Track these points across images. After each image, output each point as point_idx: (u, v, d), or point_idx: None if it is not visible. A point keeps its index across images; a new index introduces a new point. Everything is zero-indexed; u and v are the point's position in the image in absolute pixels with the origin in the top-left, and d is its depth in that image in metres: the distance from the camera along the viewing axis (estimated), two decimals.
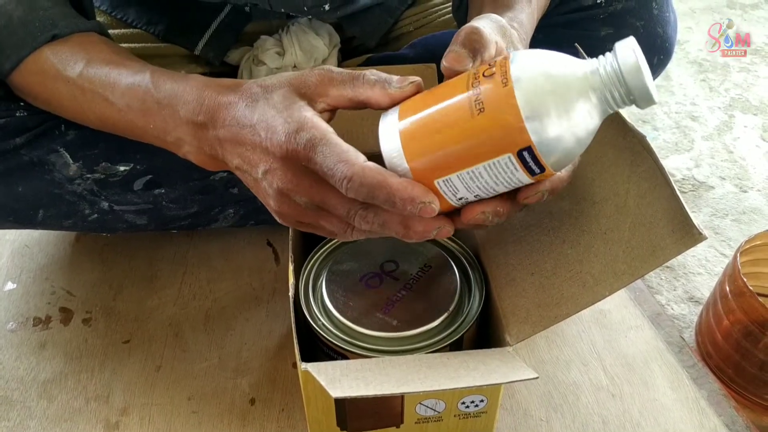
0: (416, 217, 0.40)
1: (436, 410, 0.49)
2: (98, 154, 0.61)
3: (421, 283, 0.54)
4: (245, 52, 0.73)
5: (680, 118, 1.11)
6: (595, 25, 0.67)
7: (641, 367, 0.66)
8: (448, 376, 0.43)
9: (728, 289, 0.67)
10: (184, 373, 0.65)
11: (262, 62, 0.71)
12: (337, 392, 0.40)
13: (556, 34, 0.66)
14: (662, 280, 0.82)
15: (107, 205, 0.64)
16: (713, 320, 0.70)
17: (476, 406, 0.50)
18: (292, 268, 0.51)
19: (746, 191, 0.96)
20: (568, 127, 0.37)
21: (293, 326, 0.47)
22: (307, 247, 0.59)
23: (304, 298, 0.53)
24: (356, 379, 0.41)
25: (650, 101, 0.38)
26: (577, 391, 0.64)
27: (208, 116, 0.45)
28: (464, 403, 0.49)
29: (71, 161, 0.60)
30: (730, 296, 0.67)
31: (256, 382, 0.64)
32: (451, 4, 0.73)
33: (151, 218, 0.67)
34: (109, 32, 0.57)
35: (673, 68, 1.23)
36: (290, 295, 0.50)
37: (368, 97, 0.42)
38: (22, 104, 0.56)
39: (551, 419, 0.62)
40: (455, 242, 0.58)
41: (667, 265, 0.84)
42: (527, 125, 0.37)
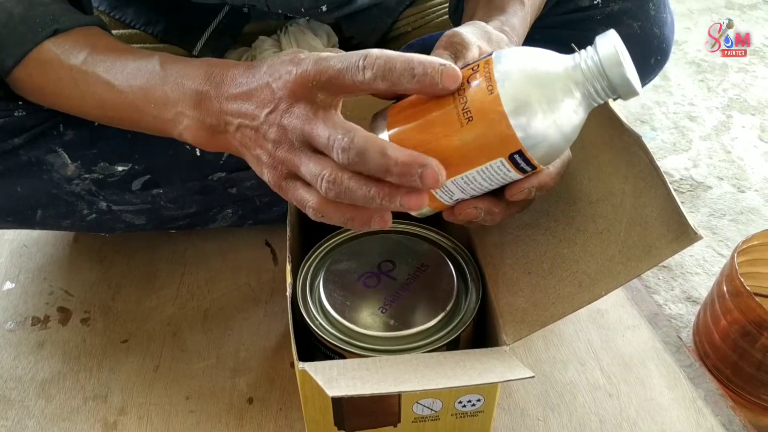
0: (397, 148, 0.38)
1: (433, 409, 0.49)
2: (96, 154, 0.61)
3: (418, 282, 0.54)
4: (243, 52, 0.73)
5: (678, 118, 1.11)
6: (592, 25, 0.67)
7: (638, 366, 0.66)
8: (444, 375, 0.43)
9: (726, 289, 0.67)
10: (182, 372, 0.65)
11: None
12: (334, 391, 0.40)
13: (553, 34, 0.66)
14: (660, 279, 0.82)
15: (105, 205, 0.64)
16: (711, 320, 0.70)
17: (473, 405, 0.50)
18: (289, 267, 0.51)
19: (744, 191, 0.96)
20: (554, 124, 0.38)
21: (291, 326, 0.47)
22: (304, 246, 0.59)
23: (301, 297, 0.53)
24: (353, 378, 0.42)
25: (633, 93, 0.38)
26: (574, 390, 0.64)
27: (213, 85, 0.44)
28: (461, 402, 0.49)
29: (69, 161, 0.60)
30: (727, 296, 0.67)
31: (254, 381, 0.64)
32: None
33: (149, 218, 0.67)
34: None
35: (671, 68, 1.23)
36: (288, 294, 0.50)
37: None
38: (20, 103, 0.56)
39: (548, 418, 0.62)
40: (452, 242, 0.58)
41: (664, 264, 0.84)
42: (516, 130, 0.37)
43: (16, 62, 0.51)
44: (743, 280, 0.64)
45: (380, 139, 0.38)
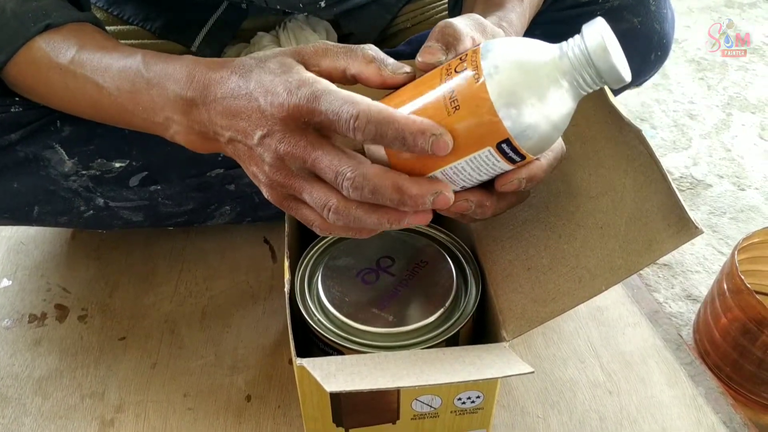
0: (410, 180, 0.39)
1: (432, 406, 0.49)
2: (94, 150, 0.60)
3: (417, 278, 0.54)
4: (242, 48, 0.73)
5: (678, 116, 1.11)
6: None
7: (638, 364, 0.66)
8: (443, 370, 0.42)
9: (726, 286, 0.67)
10: (179, 370, 0.64)
11: None
12: (332, 386, 0.39)
13: (552, 30, 0.66)
14: (660, 277, 0.82)
15: (103, 201, 0.63)
16: (711, 318, 0.70)
17: (473, 402, 0.49)
18: (287, 263, 0.51)
19: (744, 189, 0.96)
20: (542, 113, 0.38)
21: (289, 322, 0.47)
22: (303, 243, 0.59)
23: (299, 293, 0.53)
24: (351, 374, 0.41)
25: (621, 80, 0.38)
26: (574, 387, 0.64)
27: (198, 92, 0.43)
28: (460, 399, 0.49)
29: (66, 157, 0.60)
30: (727, 294, 0.67)
31: (252, 379, 0.64)
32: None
33: (147, 215, 0.67)
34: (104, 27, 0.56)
35: (671, 67, 1.23)
36: (286, 290, 0.50)
37: (360, 71, 0.42)
38: (17, 99, 0.56)
39: (548, 416, 0.61)
40: (451, 237, 0.58)
41: (664, 262, 0.84)
42: (502, 119, 0.37)
43: (7, 58, 0.51)
44: (744, 277, 0.64)
45: (390, 172, 0.39)
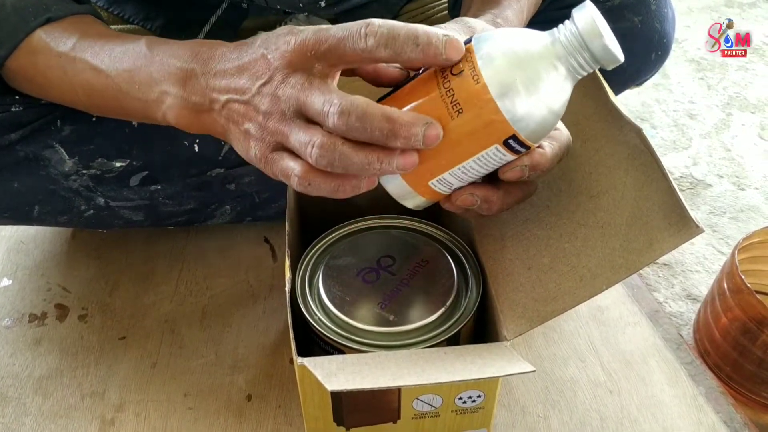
0: (399, 110, 0.38)
1: (433, 405, 0.49)
2: (94, 149, 0.60)
3: (418, 278, 0.54)
4: None
5: (678, 116, 1.11)
6: None
7: (639, 363, 0.66)
8: (444, 369, 0.42)
9: (726, 286, 0.67)
10: (180, 369, 0.64)
11: None
12: (333, 385, 0.39)
13: (552, 29, 0.66)
14: (660, 277, 0.82)
15: (103, 201, 0.63)
16: (711, 318, 0.70)
17: (473, 401, 0.49)
18: (288, 263, 0.51)
19: (744, 189, 0.96)
20: (542, 102, 0.38)
21: (290, 321, 0.47)
22: (303, 242, 0.58)
23: (300, 293, 0.53)
24: (352, 372, 0.41)
25: (615, 61, 0.38)
26: (574, 387, 0.64)
27: (200, 63, 0.43)
28: (461, 398, 0.49)
29: (67, 157, 0.59)
30: (728, 294, 0.67)
31: (252, 378, 0.64)
32: None
33: (147, 214, 0.67)
34: None
35: (671, 66, 1.23)
36: (286, 290, 0.49)
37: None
38: (17, 98, 0.56)
39: (549, 415, 0.61)
40: (452, 237, 0.58)
41: (665, 262, 0.84)
42: (507, 116, 0.38)
43: (8, 53, 0.51)
44: (744, 277, 0.64)
45: (377, 103, 0.38)
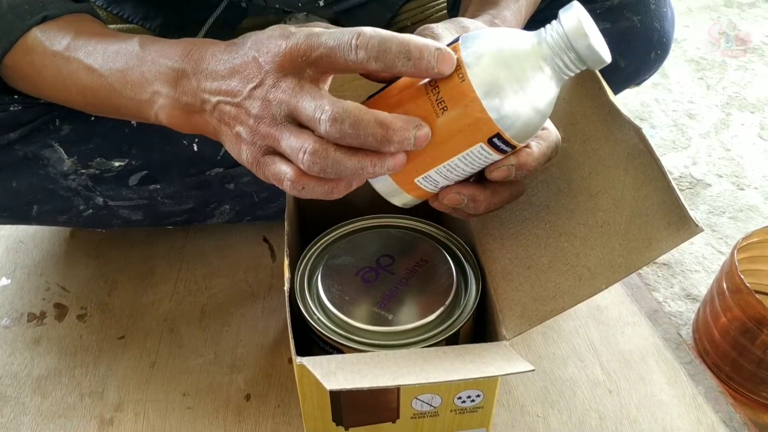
0: (391, 115, 0.38)
1: (432, 405, 0.49)
2: (93, 149, 0.60)
3: (417, 277, 0.53)
4: None
5: (677, 116, 1.11)
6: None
7: (638, 363, 0.66)
8: (443, 369, 0.42)
9: (725, 286, 0.67)
10: (179, 369, 0.64)
11: None
12: (332, 385, 0.39)
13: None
14: (659, 277, 0.82)
15: (102, 200, 0.63)
16: (710, 317, 0.70)
17: (472, 401, 0.49)
18: (287, 262, 0.51)
19: (743, 189, 0.96)
20: (528, 102, 0.38)
21: (288, 321, 0.47)
22: (302, 241, 0.58)
23: (299, 292, 0.53)
24: (351, 372, 0.41)
25: (601, 62, 0.38)
26: (573, 386, 0.64)
27: (191, 63, 0.43)
28: (460, 398, 0.49)
29: (66, 156, 0.59)
30: (727, 293, 0.66)
31: (251, 378, 0.64)
32: None
33: (146, 214, 0.67)
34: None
35: (670, 66, 1.23)
36: (285, 289, 0.49)
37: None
38: (16, 98, 0.56)
39: (548, 415, 0.61)
40: (451, 236, 0.58)
41: (664, 262, 0.84)
42: (491, 115, 0.38)
43: (4, 51, 0.51)
44: (743, 277, 0.64)
45: (368, 109, 0.38)
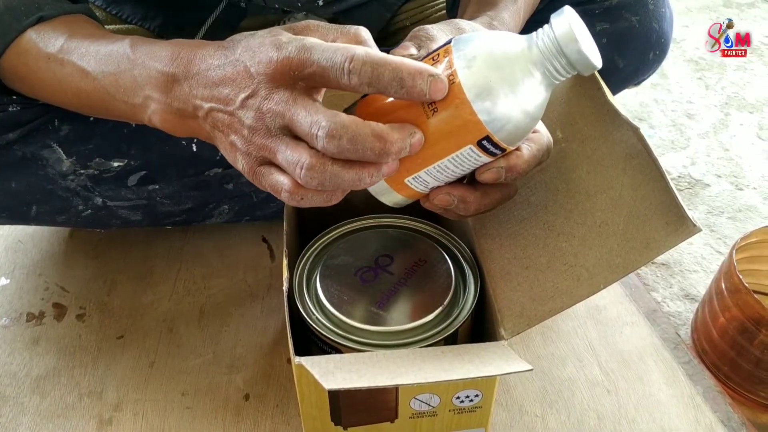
0: (387, 126, 0.38)
1: (430, 405, 0.49)
2: (92, 149, 0.60)
3: (415, 277, 0.54)
4: None
5: (676, 116, 1.11)
6: (590, 20, 0.67)
7: (637, 363, 0.66)
8: (442, 368, 0.42)
9: (724, 286, 0.67)
10: (178, 368, 0.64)
11: None
12: (330, 384, 0.39)
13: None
14: (658, 277, 0.82)
15: (101, 200, 0.63)
16: (709, 317, 0.70)
17: (471, 401, 0.49)
18: (286, 262, 0.51)
19: (742, 189, 0.96)
20: (518, 106, 0.38)
21: (287, 321, 0.47)
22: (301, 241, 0.59)
23: (298, 292, 0.53)
24: (350, 371, 0.41)
25: (591, 67, 0.38)
26: (572, 386, 0.64)
27: (181, 67, 0.43)
28: (459, 397, 0.49)
29: (65, 157, 0.59)
30: (725, 293, 0.67)
31: (250, 377, 0.64)
32: None
33: (145, 214, 0.67)
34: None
35: (669, 66, 1.23)
36: (284, 289, 0.49)
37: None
38: (15, 98, 0.56)
39: (546, 415, 0.61)
40: (450, 236, 0.58)
41: (662, 262, 0.84)
42: (481, 117, 0.38)
43: (0, 52, 0.50)
44: (742, 277, 0.64)
45: (364, 121, 0.38)
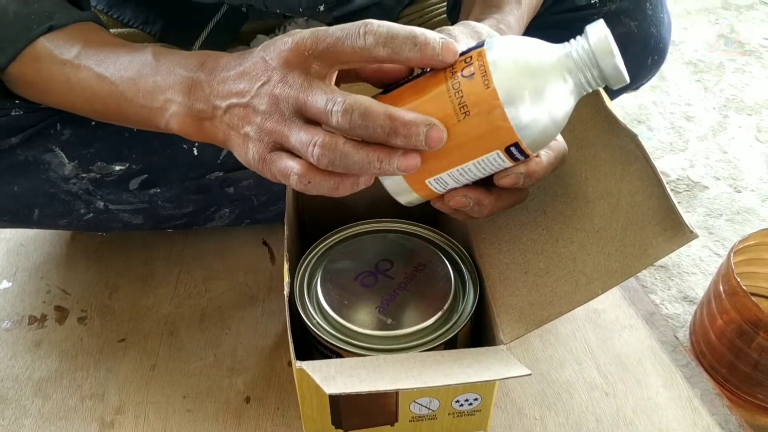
0: (402, 109, 0.38)
1: (430, 408, 0.50)
2: (94, 153, 0.61)
3: (415, 281, 0.54)
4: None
5: (675, 118, 1.11)
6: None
7: (635, 366, 0.66)
8: (442, 373, 0.43)
9: (722, 288, 0.67)
10: (179, 371, 0.65)
11: None
12: (331, 389, 0.40)
13: (549, 34, 0.66)
14: (656, 279, 0.82)
15: (103, 204, 0.64)
16: (707, 320, 0.70)
17: (470, 404, 0.50)
18: (287, 266, 0.51)
19: (740, 191, 0.96)
20: (548, 114, 0.39)
21: (288, 325, 0.47)
22: (302, 245, 0.59)
23: (299, 296, 0.53)
24: (351, 376, 0.42)
25: (622, 81, 0.39)
26: (571, 389, 0.64)
27: (206, 72, 0.44)
28: (458, 401, 0.49)
29: (67, 161, 0.60)
30: (723, 296, 0.67)
31: (251, 380, 0.64)
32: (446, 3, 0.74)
33: (146, 217, 0.67)
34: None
35: (668, 69, 1.23)
36: (285, 293, 0.50)
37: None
38: (17, 102, 0.56)
39: (545, 418, 0.62)
40: (450, 241, 0.58)
41: (661, 264, 0.84)
42: (513, 123, 0.38)
43: (10, 59, 0.51)
44: (739, 279, 0.64)
45: (379, 102, 0.38)
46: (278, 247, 0.78)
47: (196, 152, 0.63)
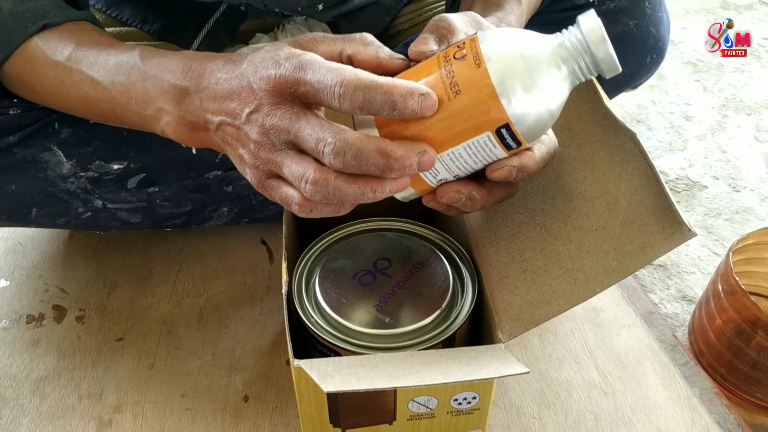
0: (393, 142, 0.38)
1: (428, 407, 0.49)
2: (92, 152, 0.60)
3: (413, 280, 0.54)
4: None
5: (674, 118, 1.11)
6: None
7: (633, 364, 0.66)
8: (440, 371, 0.43)
9: (721, 288, 0.67)
10: (177, 370, 0.65)
11: None
12: (329, 387, 0.40)
13: (549, 31, 0.66)
14: (655, 278, 0.82)
15: (101, 203, 0.64)
16: (706, 319, 0.70)
17: (469, 403, 0.50)
18: (285, 265, 0.51)
19: (739, 191, 0.96)
20: (540, 99, 0.39)
21: (286, 323, 0.47)
22: (300, 244, 0.59)
23: (297, 295, 0.53)
24: (348, 374, 0.42)
25: (615, 69, 0.39)
26: (569, 388, 0.64)
27: (193, 81, 0.44)
28: (457, 400, 0.49)
29: (65, 159, 0.60)
30: (722, 295, 0.67)
31: (249, 379, 0.64)
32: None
33: (144, 216, 0.67)
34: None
35: (667, 68, 1.23)
36: (283, 292, 0.50)
37: (357, 51, 0.42)
38: (15, 101, 0.56)
39: (544, 416, 0.62)
40: (448, 239, 0.58)
41: (660, 263, 0.84)
42: (503, 102, 0.38)
43: (4, 58, 0.51)
44: (738, 279, 0.64)
45: (371, 137, 0.38)
46: (277, 246, 0.78)
47: (194, 151, 0.63)
